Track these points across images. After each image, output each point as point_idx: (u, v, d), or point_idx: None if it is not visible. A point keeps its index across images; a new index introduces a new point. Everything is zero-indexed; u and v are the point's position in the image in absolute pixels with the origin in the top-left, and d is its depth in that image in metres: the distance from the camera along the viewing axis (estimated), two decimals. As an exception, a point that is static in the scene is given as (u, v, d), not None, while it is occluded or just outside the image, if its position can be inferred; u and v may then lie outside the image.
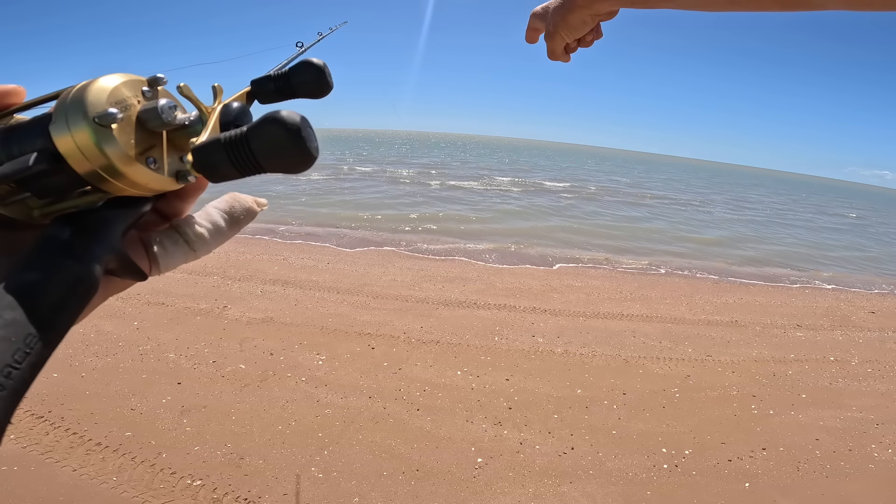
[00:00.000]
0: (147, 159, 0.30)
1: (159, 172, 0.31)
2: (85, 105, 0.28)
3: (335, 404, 3.54)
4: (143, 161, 0.30)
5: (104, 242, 0.31)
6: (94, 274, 0.30)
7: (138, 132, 0.30)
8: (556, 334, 4.98)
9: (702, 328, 5.48)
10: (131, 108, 0.30)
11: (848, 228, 18.82)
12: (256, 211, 0.42)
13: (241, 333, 4.55)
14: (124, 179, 0.29)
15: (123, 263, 0.33)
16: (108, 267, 0.32)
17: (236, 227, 0.41)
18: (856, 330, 5.95)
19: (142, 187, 0.31)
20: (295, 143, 0.27)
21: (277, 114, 0.27)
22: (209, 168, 0.29)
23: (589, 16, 0.78)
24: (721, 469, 3.15)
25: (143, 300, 5.20)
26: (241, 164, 0.28)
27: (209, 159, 0.29)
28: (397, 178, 20.62)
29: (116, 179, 0.29)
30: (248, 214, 0.42)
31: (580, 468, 3.06)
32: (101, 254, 0.31)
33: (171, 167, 0.32)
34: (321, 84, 0.41)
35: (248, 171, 0.29)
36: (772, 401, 4.02)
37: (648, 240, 11.15)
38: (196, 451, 2.98)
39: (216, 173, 0.29)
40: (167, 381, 3.71)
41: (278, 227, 9.49)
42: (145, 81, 0.32)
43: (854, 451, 3.46)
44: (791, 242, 13.11)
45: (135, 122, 0.30)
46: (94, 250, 0.30)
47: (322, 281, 6.14)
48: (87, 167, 0.28)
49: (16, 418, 3.16)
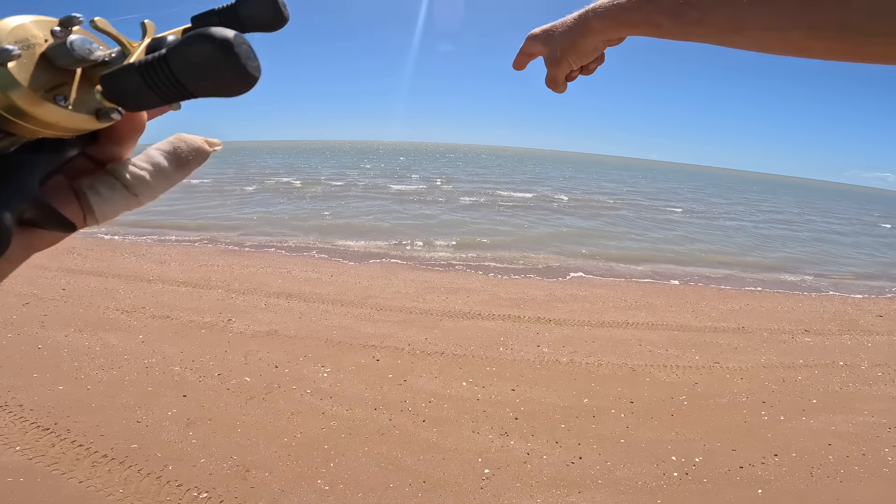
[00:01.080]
0: (56, 97, 0.28)
1: (74, 110, 0.29)
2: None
3: (340, 416, 3.51)
4: (50, 98, 0.28)
5: (15, 188, 0.29)
6: (4, 222, 0.27)
7: (45, 70, 0.28)
8: (562, 344, 4.95)
9: (708, 335, 5.44)
10: (35, 46, 0.28)
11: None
12: (207, 151, 0.39)
13: (246, 346, 4.54)
14: (32, 119, 0.27)
15: (44, 212, 0.31)
16: (26, 216, 0.30)
17: (184, 169, 0.38)
18: (864, 334, 5.89)
19: (56, 127, 0.28)
20: (225, 60, 0.24)
21: (205, 30, 0.25)
22: (120, 94, 0.27)
23: (602, 41, 0.74)
24: (732, 476, 3.10)
25: (148, 314, 5.21)
26: (160, 88, 0.26)
27: (120, 84, 0.27)
28: (403, 191, 20.69)
29: (23, 120, 0.27)
30: (197, 155, 0.38)
31: (589, 478, 3.02)
32: (11, 200, 0.28)
33: (89, 105, 0.30)
34: (274, 14, 0.36)
35: (170, 94, 0.26)
36: (782, 407, 3.97)
37: (661, 251, 11.12)
38: (202, 463, 2.96)
39: (130, 99, 0.27)
40: (172, 394, 3.71)
41: (281, 241, 9.52)
42: (57, 21, 0.29)
43: (868, 455, 3.41)
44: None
45: (38, 59, 0.28)
46: (3, 196, 0.28)
47: (326, 293, 6.13)
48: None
49: (21, 430, 3.19)
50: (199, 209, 13.21)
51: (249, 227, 11.00)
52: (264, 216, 12.58)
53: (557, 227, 13.20)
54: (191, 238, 9.57)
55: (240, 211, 13.40)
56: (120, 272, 6.72)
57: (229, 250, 8.54)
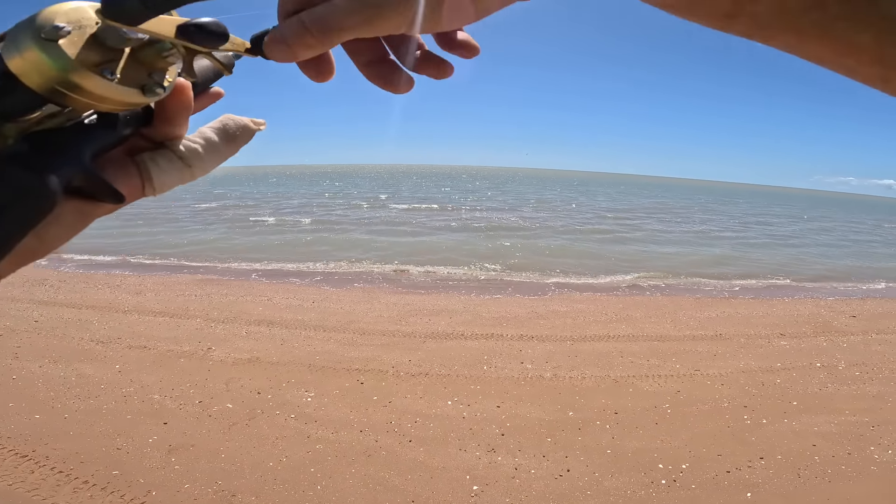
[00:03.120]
0: (103, 70, 0.29)
1: (120, 83, 0.30)
2: (34, 23, 0.28)
3: (326, 439, 3.46)
4: (97, 72, 0.29)
5: (65, 156, 0.31)
6: (47, 184, 0.29)
7: (95, 48, 0.30)
8: (545, 359, 4.96)
9: (687, 343, 5.51)
10: (87, 27, 0.29)
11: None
12: (253, 129, 0.42)
13: (227, 374, 4.46)
14: (82, 92, 0.29)
15: (94, 182, 0.33)
16: (76, 184, 0.32)
17: (233, 145, 0.41)
18: (839, 335, 6.03)
19: (105, 100, 0.30)
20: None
21: None
22: (114, 5, 0.28)
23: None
24: (720, 481, 3.12)
25: (125, 344, 5.11)
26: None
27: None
28: (393, 216, 20.71)
29: (75, 93, 0.29)
30: (244, 132, 0.42)
31: (577, 489, 3.02)
32: (60, 167, 0.30)
33: (135, 80, 0.31)
34: None
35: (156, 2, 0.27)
36: (763, 410, 4.03)
37: (628, 260, 11.26)
38: (186, 488, 2.91)
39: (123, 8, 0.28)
40: (153, 422, 3.64)
41: (261, 267, 9.43)
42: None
43: (853, 454, 3.46)
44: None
45: (89, 38, 0.29)
46: (52, 162, 0.30)
47: (308, 320, 6.08)
48: (38, 82, 0.28)
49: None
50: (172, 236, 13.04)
51: (231, 253, 10.88)
52: (257, 244, 12.47)
53: (538, 244, 13.32)
54: (165, 266, 9.43)
55: (230, 238, 13.26)
56: (94, 303, 6.58)
57: (207, 279, 8.42)
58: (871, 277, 10.64)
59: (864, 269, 11.84)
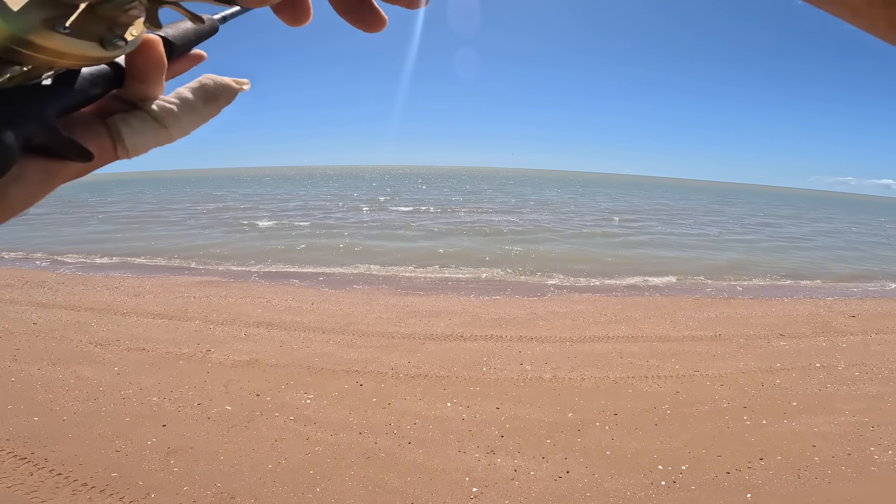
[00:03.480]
0: (55, 24, 0.28)
1: (75, 37, 0.29)
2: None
3: (325, 441, 3.46)
4: (50, 27, 0.28)
5: (24, 114, 0.29)
6: (2, 139, 0.28)
7: (46, 3, 0.28)
8: (544, 361, 4.96)
9: (687, 344, 5.51)
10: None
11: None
12: (235, 88, 0.40)
13: (226, 376, 4.46)
14: (35, 48, 0.28)
15: (58, 140, 0.31)
16: (36, 142, 0.30)
17: (213, 105, 0.39)
18: (838, 335, 6.03)
19: (62, 55, 0.29)
20: None
21: None
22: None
23: None
24: (720, 482, 3.12)
25: (123, 346, 5.10)
26: None
27: None
28: (392, 220, 20.70)
29: (27, 49, 0.28)
30: (225, 91, 0.39)
31: (577, 491, 3.01)
32: (19, 123, 0.29)
33: (92, 33, 0.30)
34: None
35: None
36: (763, 411, 4.03)
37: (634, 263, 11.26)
38: (185, 490, 2.90)
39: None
40: (151, 424, 3.63)
41: (259, 269, 9.42)
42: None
43: (853, 455, 3.45)
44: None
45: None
46: (6, 118, 0.29)
47: (307, 321, 6.07)
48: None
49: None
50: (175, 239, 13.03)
51: (229, 256, 10.87)
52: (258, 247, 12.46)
53: (535, 247, 13.31)
54: (164, 268, 9.42)
55: (228, 241, 13.25)
56: (92, 305, 6.57)
57: (206, 281, 8.41)
58: (869, 277, 10.65)
59: (866, 268, 11.84)
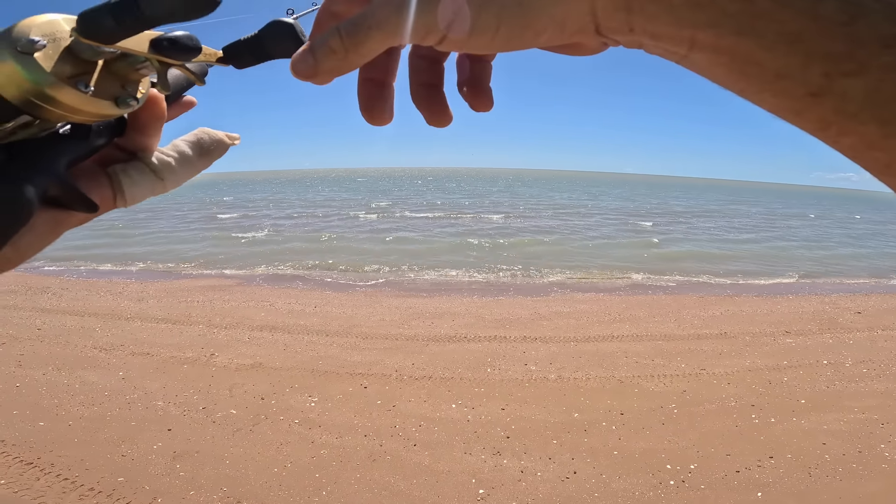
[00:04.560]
0: (77, 83, 0.30)
1: (94, 96, 0.31)
2: (9, 36, 0.28)
3: (330, 444, 3.44)
4: (72, 84, 0.30)
5: (40, 167, 0.31)
6: (25, 194, 0.29)
7: (69, 60, 0.30)
8: (549, 361, 4.94)
9: (692, 343, 5.48)
10: (61, 40, 0.30)
11: None
12: (227, 143, 0.42)
13: (231, 380, 4.45)
14: (56, 103, 0.29)
15: (69, 192, 0.33)
16: (51, 194, 0.32)
17: (206, 158, 0.41)
18: (844, 331, 5.99)
19: (79, 111, 0.31)
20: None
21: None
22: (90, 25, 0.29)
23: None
24: (730, 481, 3.09)
25: (128, 351, 5.11)
26: (121, 16, 0.27)
27: (90, 16, 0.28)
28: (393, 220, 20.70)
29: (49, 104, 0.29)
30: (218, 146, 0.41)
31: (585, 492, 2.99)
32: (36, 177, 0.31)
33: (108, 92, 0.32)
34: (295, 41, 0.38)
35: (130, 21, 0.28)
36: (771, 409, 3.99)
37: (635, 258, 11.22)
38: (192, 495, 2.90)
39: (99, 29, 0.28)
40: (157, 428, 3.64)
41: (262, 272, 9.42)
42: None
43: (864, 452, 3.42)
44: None
45: (64, 50, 0.30)
46: (28, 173, 0.30)
47: (310, 325, 6.06)
48: (14, 94, 0.29)
49: (4, 464, 3.11)
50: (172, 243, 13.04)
51: (229, 260, 10.87)
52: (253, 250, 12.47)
53: (536, 245, 13.29)
54: (167, 273, 9.42)
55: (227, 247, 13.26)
56: (96, 311, 6.57)
57: (209, 285, 8.41)
58: (875, 273, 10.59)
59: (868, 264, 11.79)
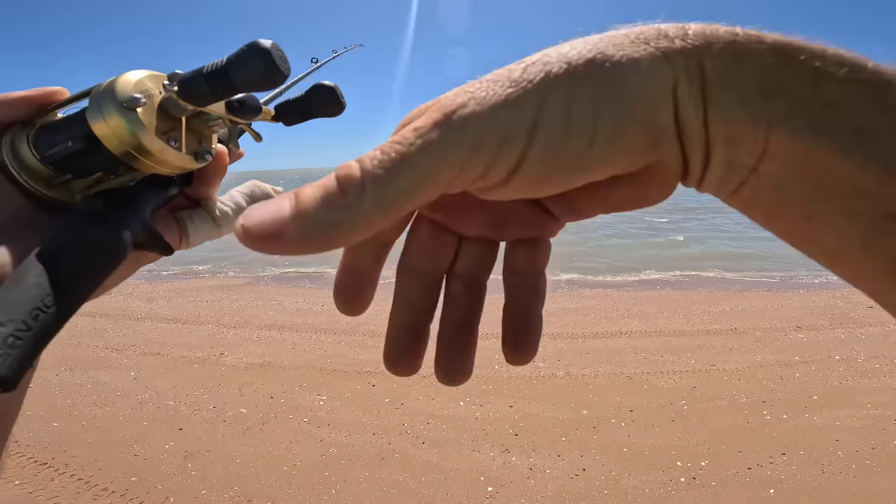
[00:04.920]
0: (169, 139, 0.34)
1: (180, 151, 0.35)
2: (115, 93, 0.32)
3: (339, 443, 3.45)
4: (165, 140, 0.34)
5: (133, 214, 0.35)
6: (123, 239, 0.33)
7: (161, 117, 0.34)
8: (557, 357, 4.92)
9: (702, 338, 5.44)
10: (154, 96, 0.34)
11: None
12: (273, 196, 0.46)
13: (240, 379, 4.48)
14: (151, 157, 0.33)
15: (151, 237, 0.37)
16: (137, 239, 0.36)
17: None
18: (857, 326, 5.91)
19: (167, 164, 0.35)
20: (264, 60, 0.30)
21: (251, 43, 0.31)
22: (189, 89, 0.33)
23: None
24: (742, 477, 3.07)
25: (139, 351, 5.16)
26: (215, 84, 0.32)
27: (190, 82, 0.33)
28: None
29: (145, 157, 0.33)
30: (266, 199, 0.45)
31: (594, 489, 2.98)
32: (131, 224, 0.35)
33: (190, 147, 0.36)
34: (336, 105, 0.44)
35: (220, 88, 0.32)
36: (783, 405, 3.96)
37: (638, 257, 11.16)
38: (203, 494, 2.92)
39: (195, 93, 0.33)
40: (168, 428, 3.67)
41: (270, 272, 9.46)
42: (165, 77, 0.36)
43: (878, 448, 3.37)
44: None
45: (157, 108, 0.34)
46: (124, 219, 0.34)
47: (318, 323, 6.08)
48: (118, 146, 0.33)
49: (18, 465, 3.15)
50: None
51: (235, 260, 10.93)
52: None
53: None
54: (176, 273, 9.49)
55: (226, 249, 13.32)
56: (107, 311, 6.62)
57: (218, 285, 8.46)
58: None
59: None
